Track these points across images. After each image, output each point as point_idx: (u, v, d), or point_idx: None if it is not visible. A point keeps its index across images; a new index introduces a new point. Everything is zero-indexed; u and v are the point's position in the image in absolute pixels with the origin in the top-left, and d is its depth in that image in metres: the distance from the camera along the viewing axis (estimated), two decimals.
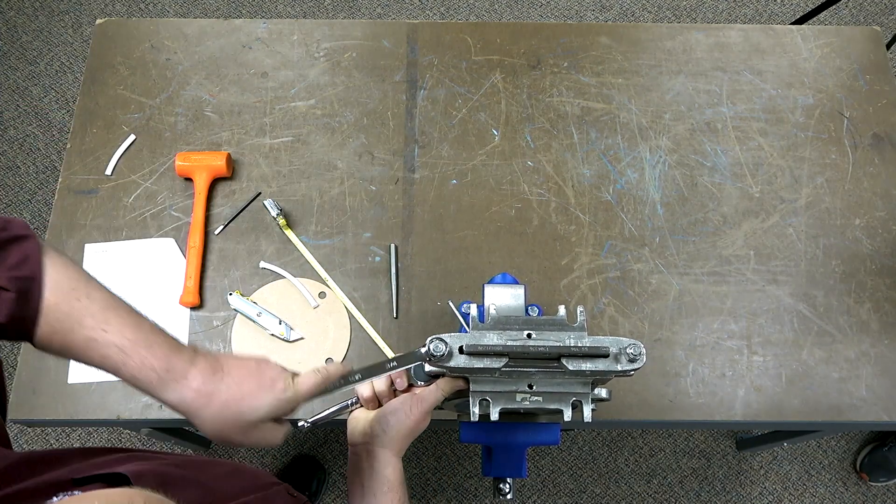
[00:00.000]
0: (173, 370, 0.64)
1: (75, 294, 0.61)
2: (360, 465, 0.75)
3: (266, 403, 0.68)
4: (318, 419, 0.81)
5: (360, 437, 0.76)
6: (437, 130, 1.26)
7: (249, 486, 0.71)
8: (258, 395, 0.68)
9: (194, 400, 0.65)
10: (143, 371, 0.63)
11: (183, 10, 2.39)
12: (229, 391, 0.66)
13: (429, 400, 0.74)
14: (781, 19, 2.42)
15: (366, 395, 0.77)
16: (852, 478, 1.88)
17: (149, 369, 0.63)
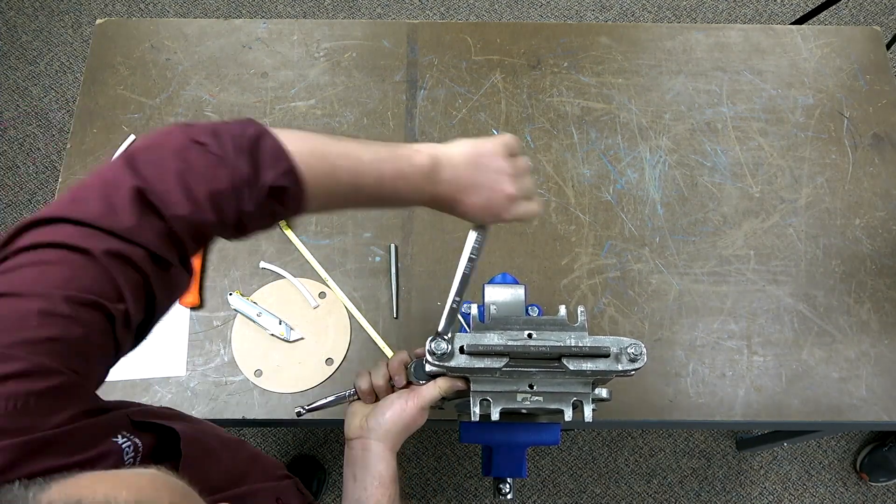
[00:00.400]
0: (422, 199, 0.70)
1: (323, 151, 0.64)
2: (354, 458, 0.75)
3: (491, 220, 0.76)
4: (314, 408, 0.81)
5: (356, 431, 0.76)
6: (437, 130, 1.26)
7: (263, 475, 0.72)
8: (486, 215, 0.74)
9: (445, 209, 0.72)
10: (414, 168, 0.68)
11: (183, 10, 2.39)
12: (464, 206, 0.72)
13: (426, 397, 0.74)
14: (781, 19, 2.42)
15: (364, 388, 0.77)
16: (852, 478, 1.88)
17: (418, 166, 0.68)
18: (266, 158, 0.59)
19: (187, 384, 1.07)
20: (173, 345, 1.09)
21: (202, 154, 0.57)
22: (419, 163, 0.68)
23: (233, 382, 1.07)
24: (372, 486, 0.73)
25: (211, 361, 1.08)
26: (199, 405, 1.05)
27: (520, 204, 0.74)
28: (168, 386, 1.06)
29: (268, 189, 0.59)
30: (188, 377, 1.07)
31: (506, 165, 0.72)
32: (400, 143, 0.69)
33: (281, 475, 0.76)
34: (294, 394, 1.06)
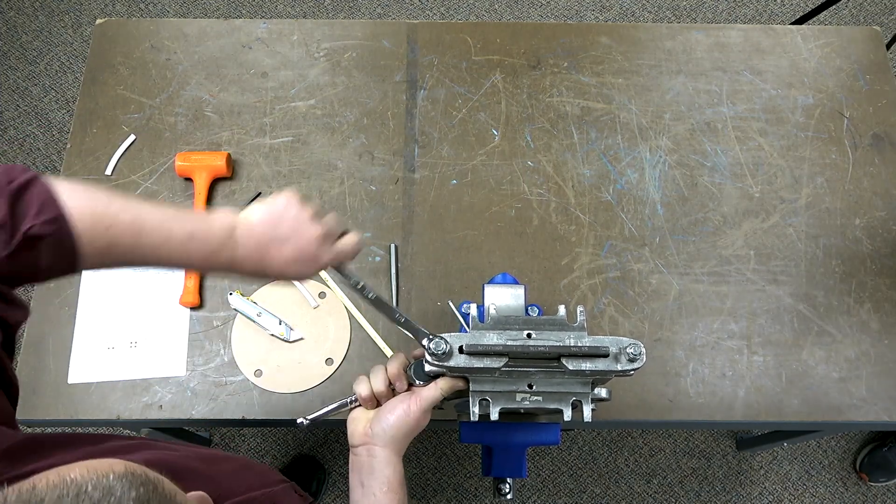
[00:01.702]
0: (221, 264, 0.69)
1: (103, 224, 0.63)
2: (361, 465, 0.75)
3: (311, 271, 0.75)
4: (316, 417, 0.81)
5: (361, 438, 0.76)
6: (437, 130, 1.26)
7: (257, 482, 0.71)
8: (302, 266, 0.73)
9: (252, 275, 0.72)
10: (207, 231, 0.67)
11: (183, 10, 2.39)
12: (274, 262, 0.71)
13: (428, 398, 0.74)
14: (781, 19, 2.42)
15: (364, 394, 0.77)
16: (852, 478, 1.88)
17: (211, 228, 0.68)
18: (30, 206, 0.57)
19: (187, 384, 1.07)
20: (173, 345, 1.09)
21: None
22: (215, 225, 0.67)
23: (233, 382, 1.07)
24: (380, 491, 0.73)
25: (211, 361, 1.08)
26: (199, 405, 1.06)
27: (334, 243, 0.74)
28: (168, 386, 1.06)
29: (23, 237, 0.56)
30: (188, 377, 1.07)
31: (302, 211, 0.72)
32: (198, 211, 0.68)
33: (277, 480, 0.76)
34: (294, 394, 1.06)
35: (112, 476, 0.36)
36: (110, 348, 1.09)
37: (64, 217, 0.59)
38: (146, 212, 0.65)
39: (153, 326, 1.11)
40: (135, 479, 0.37)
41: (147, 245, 0.65)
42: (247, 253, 0.69)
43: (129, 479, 0.36)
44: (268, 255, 0.70)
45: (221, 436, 1.87)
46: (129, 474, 0.37)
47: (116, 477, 0.36)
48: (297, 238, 0.71)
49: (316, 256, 0.72)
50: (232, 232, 0.68)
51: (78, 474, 0.36)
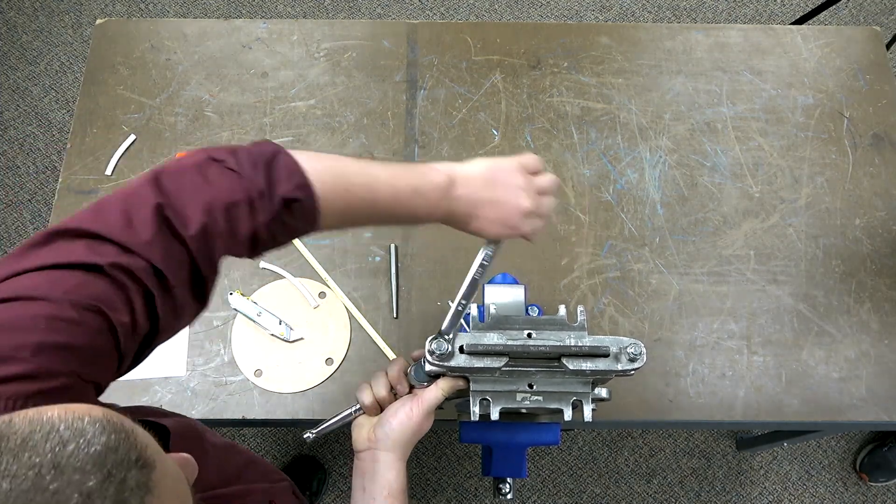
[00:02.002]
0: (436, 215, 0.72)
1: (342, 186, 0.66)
2: (364, 469, 0.75)
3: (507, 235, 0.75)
4: (322, 430, 0.81)
5: (365, 443, 0.76)
6: (437, 130, 1.26)
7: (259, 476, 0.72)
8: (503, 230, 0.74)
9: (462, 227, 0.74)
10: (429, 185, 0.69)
11: (183, 10, 2.39)
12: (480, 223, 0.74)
13: (430, 400, 0.74)
14: (781, 19, 2.42)
15: (367, 402, 0.77)
16: (852, 478, 1.88)
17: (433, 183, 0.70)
18: (281, 173, 0.61)
19: (187, 384, 1.07)
20: (173, 345, 1.09)
21: (220, 169, 0.59)
22: (435, 180, 0.69)
23: (233, 382, 1.07)
24: (381, 496, 0.73)
25: (211, 361, 1.08)
26: (199, 405, 1.05)
27: (534, 221, 0.74)
28: (168, 386, 1.06)
29: (281, 201, 0.60)
30: (188, 377, 1.07)
31: (522, 181, 0.73)
32: (416, 163, 0.71)
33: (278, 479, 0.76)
34: (294, 394, 1.06)
35: (87, 419, 0.36)
36: None
37: (309, 183, 0.62)
38: (376, 172, 0.68)
39: None
40: (108, 424, 0.37)
41: (379, 204, 0.68)
42: (461, 207, 0.72)
43: (102, 424, 0.37)
44: (476, 213, 0.72)
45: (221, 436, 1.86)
46: (105, 420, 0.37)
47: (91, 420, 0.36)
48: (506, 205, 0.72)
49: (517, 226, 0.73)
50: (451, 185, 0.70)
51: (55, 413, 0.36)
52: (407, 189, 0.68)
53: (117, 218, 0.55)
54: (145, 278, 0.55)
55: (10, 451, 0.33)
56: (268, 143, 0.63)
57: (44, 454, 0.34)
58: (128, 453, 0.36)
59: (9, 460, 0.33)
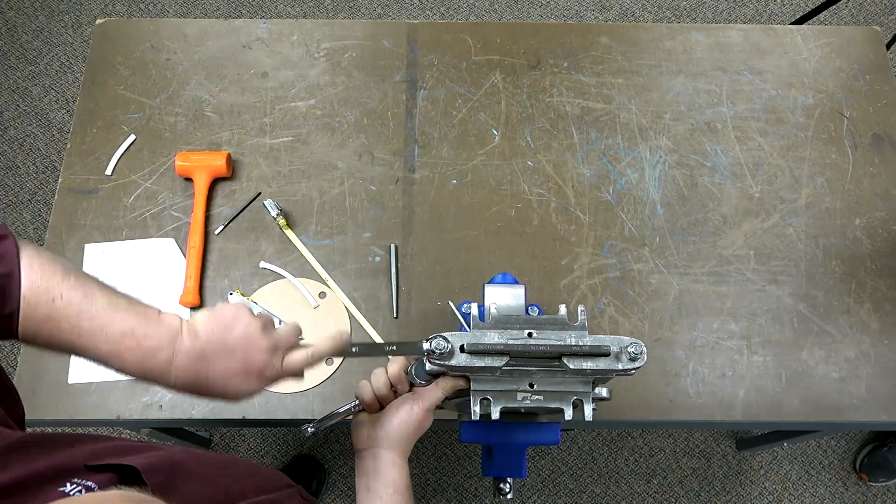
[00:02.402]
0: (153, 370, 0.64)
1: (50, 294, 0.61)
2: (366, 469, 0.75)
3: (253, 388, 0.68)
4: (321, 424, 0.81)
5: (366, 442, 0.76)
6: (437, 130, 1.26)
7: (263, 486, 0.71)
8: (245, 382, 0.68)
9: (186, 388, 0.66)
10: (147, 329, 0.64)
11: (183, 10, 2.39)
12: (216, 375, 0.66)
13: (430, 399, 0.74)
14: (781, 19, 2.42)
15: (367, 399, 0.77)
16: (852, 478, 1.88)
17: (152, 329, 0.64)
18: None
19: None
20: None
21: None
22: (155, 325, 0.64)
23: None
24: (387, 493, 0.73)
25: None
26: (199, 405, 1.05)
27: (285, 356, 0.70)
28: None
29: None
30: None
31: (252, 322, 0.68)
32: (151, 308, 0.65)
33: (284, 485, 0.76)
34: (294, 394, 1.06)
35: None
36: None
37: (17, 275, 0.58)
38: (99, 295, 0.62)
39: None
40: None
41: (84, 329, 0.62)
42: (187, 363, 0.65)
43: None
44: (210, 367, 0.65)
45: (221, 436, 1.87)
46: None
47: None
48: (244, 350, 0.66)
49: (262, 370, 0.67)
50: (174, 337, 0.64)
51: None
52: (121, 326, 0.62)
53: None
54: None
55: None
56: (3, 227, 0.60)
57: None
58: None
59: None
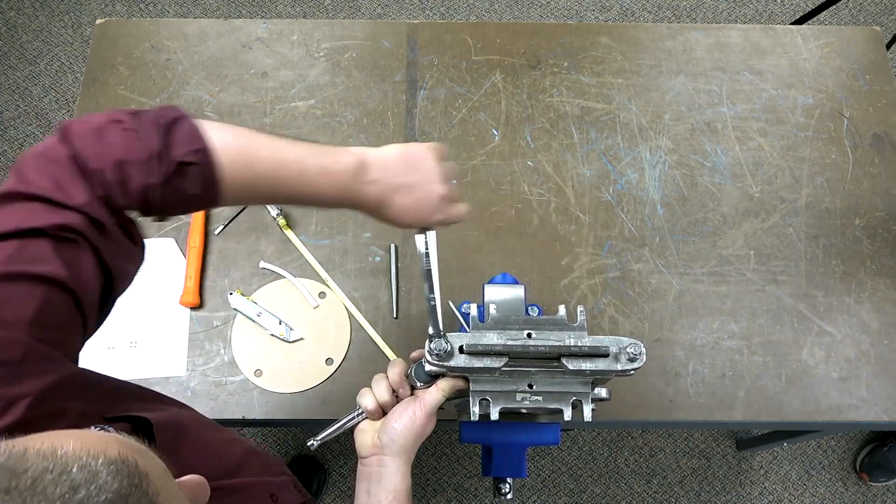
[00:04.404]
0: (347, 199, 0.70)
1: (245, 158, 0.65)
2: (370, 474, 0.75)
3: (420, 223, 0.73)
4: (325, 437, 0.80)
5: (370, 449, 0.76)
6: (437, 130, 1.26)
7: (259, 469, 0.72)
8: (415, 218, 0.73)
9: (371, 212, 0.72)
10: (339, 166, 0.68)
11: (183, 10, 2.39)
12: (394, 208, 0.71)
13: (431, 402, 0.74)
14: (781, 19, 2.42)
15: (370, 407, 0.77)
16: (852, 478, 1.88)
17: (343, 164, 0.68)
18: (180, 137, 0.61)
19: (187, 384, 1.07)
20: (173, 345, 1.09)
21: (117, 130, 0.60)
22: (345, 161, 0.68)
23: (233, 382, 1.07)
24: (386, 500, 0.73)
25: (211, 361, 1.08)
26: (199, 405, 1.05)
27: (451, 205, 0.74)
28: (168, 386, 1.06)
29: (175, 163, 0.60)
30: (188, 377, 1.07)
31: (437, 166, 0.72)
32: (329, 145, 0.69)
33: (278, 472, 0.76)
34: (294, 394, 1.06)
35: (101, 460, 0.35)
36: (110, 348, 1.09)
37: (209, 149, 0.62)
38: (284, 147, 0.66)
39: (153, 326, 1.11)
40: (123, 468, 0.36)
41: (285, 181, 0.66)
42: (373, 192, 0.70)
43: (116, 467, 0.36)
44: (390, 198, 0.70)
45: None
46: (119, 461, 0.36)
47: (105, 462, 0.36)
48: (422, 190, 0.71)
49: (430, 213, 0.72)
50: (362, 169, 0.69)
51: (70, 449, 0.35)
52: (314, 168, 0.67)
53: (40, 176, 0.56)
54: (85, 230, 0.56)
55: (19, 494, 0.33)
56: (174, 109, 0.63)
57: (53, 500, 0.33)
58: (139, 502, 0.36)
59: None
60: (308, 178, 0.67)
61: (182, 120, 0.62)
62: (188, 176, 0.61)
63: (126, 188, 0.59)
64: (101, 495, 0.34)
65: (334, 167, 0.68)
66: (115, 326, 1.10)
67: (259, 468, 0.72)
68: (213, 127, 0.63)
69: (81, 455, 0.35)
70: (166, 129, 0.60)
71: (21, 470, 0.33)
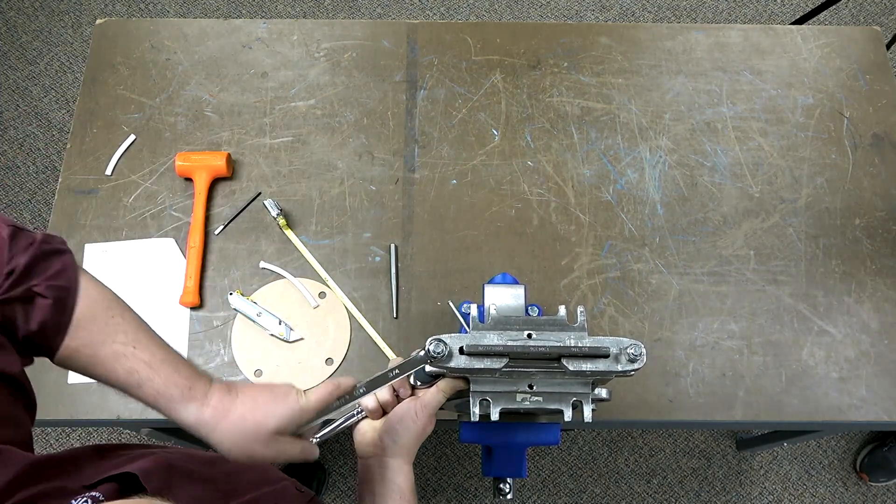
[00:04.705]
0: (195, 388, 0.67)
1: (111, 311, 0.64)
2: (372, 475, 0.75)
3: (280, 413, 0.68)
4: (325, 435, 0.81)
5: (371, 450, 0.76)
6: (437, 130, 1.26)
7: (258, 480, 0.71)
8: (272, 406, 0.69)
9: (212, 416, 0.67)
10: (167, 388, 0.65)
11: (183, 10, 2.39)
12: (244, 405, 0.68)
13: (432, 403, 0.74)
14: (781, 19, 2.42)
15: (371, 406, 0.77)
16: (852, 478, 1.88)
17: (173, 386, 0.65)
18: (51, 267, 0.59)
19: None
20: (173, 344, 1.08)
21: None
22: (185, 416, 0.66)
23: None
24: (392, 499, 0.73)
25: (211, 361, 1.08)
26: None
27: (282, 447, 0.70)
28: None
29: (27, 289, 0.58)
30: None
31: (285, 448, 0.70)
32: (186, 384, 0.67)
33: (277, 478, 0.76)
34: None
35: None
36: None
37: (74, 294, 0.60)
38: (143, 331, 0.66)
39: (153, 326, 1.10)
40: None
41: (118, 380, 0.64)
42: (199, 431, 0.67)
43: None
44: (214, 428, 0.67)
45: None
46: None
47: None
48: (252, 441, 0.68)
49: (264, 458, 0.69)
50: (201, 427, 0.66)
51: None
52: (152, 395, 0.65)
53: None
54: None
55: None
56: (61, 241, 0.61)
57: None
58: None
59: None
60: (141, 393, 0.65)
61: (64, 254, 0.60)
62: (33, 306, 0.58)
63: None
64: None
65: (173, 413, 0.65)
66: None
67: (257, 480, 0.72)
68: (90, 277, 0.61)
69: None
70: (41, 255, 0.58)
71: None
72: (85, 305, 0.61)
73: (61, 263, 0.60)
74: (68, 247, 0.62)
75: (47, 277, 0.59)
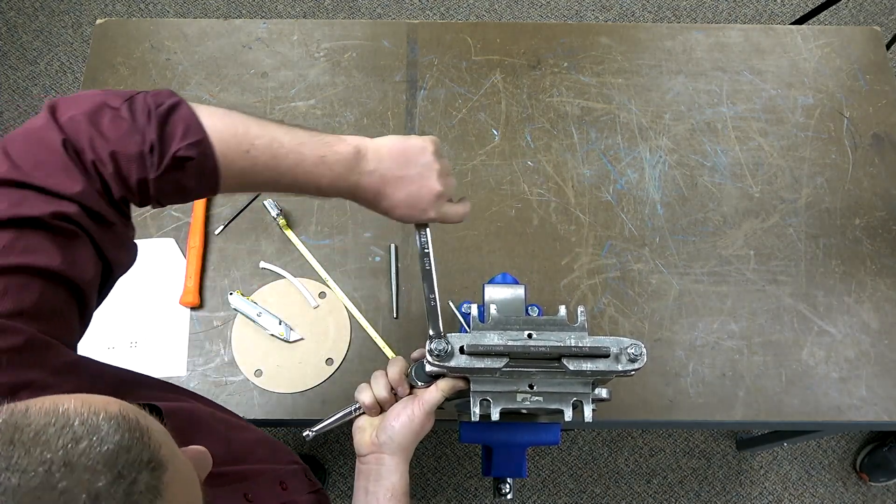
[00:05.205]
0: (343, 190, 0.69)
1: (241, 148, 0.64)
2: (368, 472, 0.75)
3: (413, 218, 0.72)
4: (321, 429, 0.81)
5: (368, 447, 0.76)
6: (437, 130, 1.26)
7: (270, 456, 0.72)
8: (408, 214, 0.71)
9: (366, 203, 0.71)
10: (337, 156, 0.67)
11: (183, 10, 2.39)
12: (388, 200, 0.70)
13: (430, 401, 0.74)
14: (781, 19, 2.42)
15: (368, 402, 0.77)
16: (852, 478, 1.88)
17: (341, 154, 0.67)
18: (176, 128, 0.60)
19: (187, 384, 1.07)
20: (173, 345, 1.09)
21: (111, 117, 0.58)
22: (342, 151, 0.67)
23: (233, 382, 1.07)
24: (384, 497, 0.73)
25: (211, 361, 1.08)
26: None
27: (446, 204, 0.73)
28: None
29: (172, 158, 0.59)
30: (188, 377, 1.07)
31: (434, 162, 0.71)
32: (325, 133, 0.69)
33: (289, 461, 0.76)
34: (294, 394, 1.06)
35: (102, 415, 0.36)
36: (110, 348, 1.09)
37: (208, 140, 0.61)
38: (281, 135, 0.65)
39: (153, 326, 1.11)
40: (123, 422, 0.36)
41: (282, 169, 0.65)
42: (369, 182, 0.69)
43: (117, 422, 0.36)
44: (385, 190, 0.69)
45: None
46: (120, 416, 0.36)
47: (106, 417, 0.36)
48: (416, 185, 0.70)
49: (424, 210, 0.71)
50: (359, 158, 0.68)
51: (71, 406, 0.36)
52: (312, 158, 0.66)
53: (33, 162, 0.54)
54: (82, 220, 0.55)
55: (22, 445, 0.33)
56: (170, 95, 0.62)
57: (55, 450, 0.33)
58: (140, 454, 0.36)
59: (20, 454, 0.33)
60: (305, 167, 0.66)
61: (178, 108, 0.61)
62: (185, 170, 0.60)
63: (122, 180, 0.59)
64: (103, 446, 0.35)
65: (332, 157, 0.67)
66: (115, 326, 1.10)
67: (270, 456, 0.72)
68: (209, 114, 0.62)
69: (82, 411, 0.36)
70: (162, 120, 0.59)
71: (24, 424, 0.34)
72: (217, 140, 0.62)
73: (183, 120, 0.60)
74: (176, 95, 0.62)
75: (181, 138, 0.59)
